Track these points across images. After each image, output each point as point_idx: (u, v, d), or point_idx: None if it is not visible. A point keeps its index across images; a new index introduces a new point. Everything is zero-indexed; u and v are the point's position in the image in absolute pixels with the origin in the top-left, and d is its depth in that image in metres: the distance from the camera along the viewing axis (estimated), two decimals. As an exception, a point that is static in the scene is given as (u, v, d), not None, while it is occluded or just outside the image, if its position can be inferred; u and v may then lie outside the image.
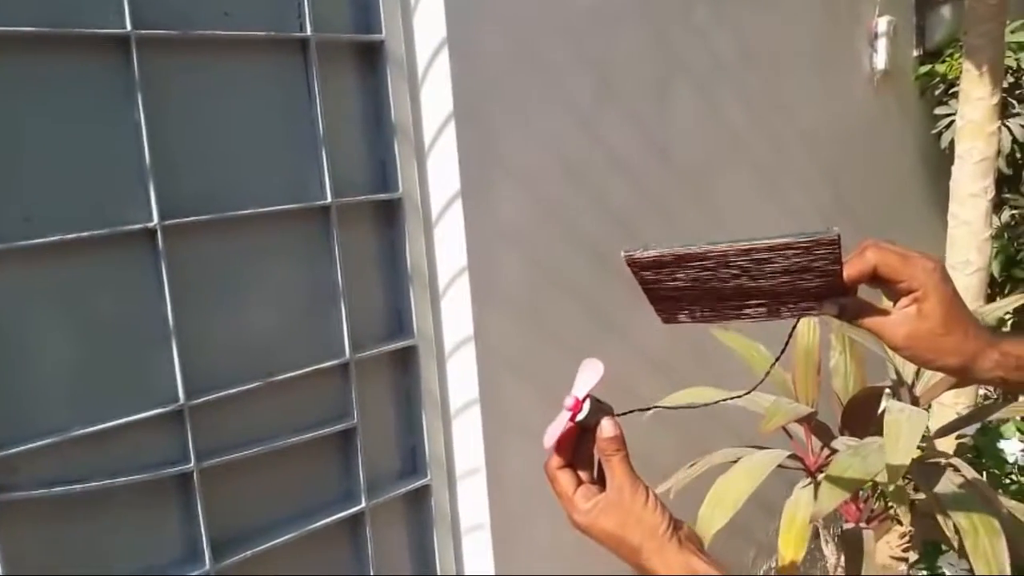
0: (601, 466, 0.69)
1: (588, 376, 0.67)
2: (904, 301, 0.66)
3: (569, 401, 0.66)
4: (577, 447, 0.69)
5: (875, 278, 0.66)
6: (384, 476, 1.41)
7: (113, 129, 1.07)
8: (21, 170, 1.00)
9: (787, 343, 0.79)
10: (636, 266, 0.68)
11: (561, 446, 0.68)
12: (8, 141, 0.99)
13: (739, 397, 0.85)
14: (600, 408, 0.68)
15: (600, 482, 0.69)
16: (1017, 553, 1.26)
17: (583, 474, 0.69)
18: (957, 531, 1.20)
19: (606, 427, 0.67)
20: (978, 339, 0.65)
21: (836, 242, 0.62)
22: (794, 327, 0.76)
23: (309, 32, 1.23)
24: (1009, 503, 1.32)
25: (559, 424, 0.67)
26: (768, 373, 0.86)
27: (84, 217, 1.05)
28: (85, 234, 1.04)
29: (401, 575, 1.46)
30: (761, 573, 2.18)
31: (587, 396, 0.67)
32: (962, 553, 1.20)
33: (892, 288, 0.66)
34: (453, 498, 1.49)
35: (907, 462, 1.11)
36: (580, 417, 0.66)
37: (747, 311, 0.71)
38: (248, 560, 1.21)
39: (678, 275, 0.67)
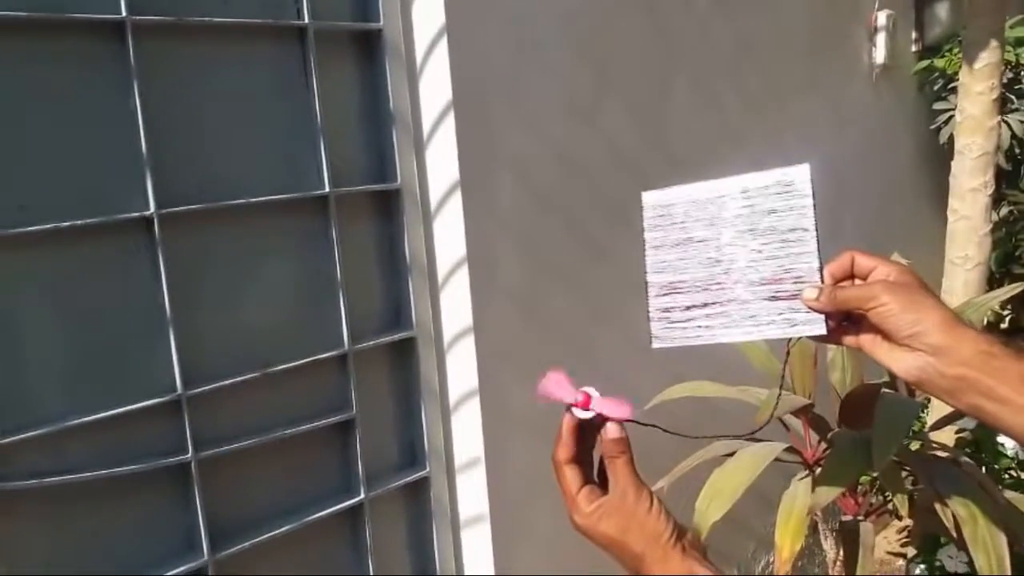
0: (603, 467, 0.68)
1: (615, 403, 0.66)
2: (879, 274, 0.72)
3: (579, 397, 0.66)
4: (581, 445, 0.69)
5: (852, 272, 0.73)
6: (383, 468, 1.40)
7: (109, 116, 1.06)
8: (16, 158, 0.99)
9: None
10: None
11: (567, 440, 0.67)
12: (2, 128, 0.98)
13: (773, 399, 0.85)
14: None
15: (601, 482, 0.68)
16: (1016, 543, 1.26)
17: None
18: (956, 522, 1.20)
19: (611, 428, 0.66)
20: (958, 318, 0.68)
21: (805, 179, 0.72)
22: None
23: (307, 20, 1.22)
24: (1008, 494, 1.32)
25: (559, 389, 0.66)
26: (781, 386, 0.87)
27: (80, 205, 1.04)
28: (81, 222, 1.03)
29: (399, 568, 1.45)
30: (760, 566, 2.18)
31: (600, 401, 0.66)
32: (961, 545, 1.20)
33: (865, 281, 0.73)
34: (452, 490, 1.49)
35: (894, 447, 1.12)
36: (584, 415, 0.66)
37: (731, 300, 0.76)
38: (246, 551, 1.20)
39: (681, 223, 0.81)
